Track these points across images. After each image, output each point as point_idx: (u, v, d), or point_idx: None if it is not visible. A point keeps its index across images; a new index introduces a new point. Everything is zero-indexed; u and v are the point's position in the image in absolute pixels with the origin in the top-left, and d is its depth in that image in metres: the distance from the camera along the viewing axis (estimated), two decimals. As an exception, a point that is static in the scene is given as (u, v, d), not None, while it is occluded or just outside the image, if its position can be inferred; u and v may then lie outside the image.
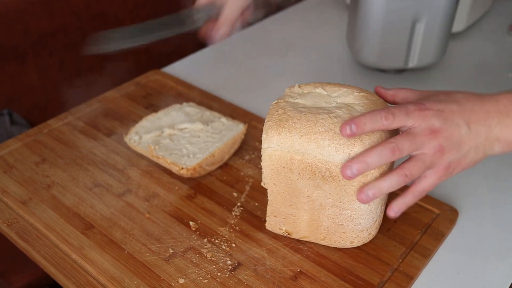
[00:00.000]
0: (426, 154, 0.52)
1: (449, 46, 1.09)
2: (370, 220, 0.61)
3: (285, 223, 0.64)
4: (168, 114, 0.83)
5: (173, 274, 0.61)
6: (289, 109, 0.59)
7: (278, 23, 1.26)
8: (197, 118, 0.82)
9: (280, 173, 0.59)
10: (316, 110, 0.58)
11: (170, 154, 0.74)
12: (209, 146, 0.76)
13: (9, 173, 0.76)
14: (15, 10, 1.24)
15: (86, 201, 0.71)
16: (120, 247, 0.64)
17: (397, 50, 0.96)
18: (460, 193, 0.75)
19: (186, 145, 0.76)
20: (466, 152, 0.53)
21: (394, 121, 0.52)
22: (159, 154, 0.74)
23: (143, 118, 0.81)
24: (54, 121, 0.87)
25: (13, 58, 1.26)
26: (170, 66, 1.07)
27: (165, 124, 0.81)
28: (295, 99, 0.61)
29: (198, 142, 0.77)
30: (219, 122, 0.81)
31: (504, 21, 1.23)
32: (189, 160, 0.73)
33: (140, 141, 0.77)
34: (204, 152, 0.74)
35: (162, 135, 0.78)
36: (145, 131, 0.79)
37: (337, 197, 0.58)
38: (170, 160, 0.72)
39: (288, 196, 0.61)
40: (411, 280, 0.61)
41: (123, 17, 1.52)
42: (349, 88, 0.61)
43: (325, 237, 0.63)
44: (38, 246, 0.64)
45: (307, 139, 0.56)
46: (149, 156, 0.75)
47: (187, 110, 0.84)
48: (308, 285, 0.60)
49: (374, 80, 1.02)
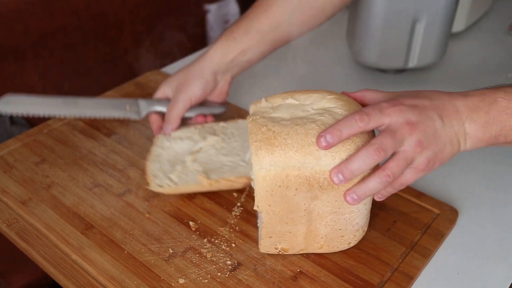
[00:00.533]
0: (406, 151, 0.52)
1: (449, 46, 1.09)
2: (365, 218, 0.61)
3: (281, 242, 0.61)
4: (164, 147, 0.76)
5: (173, 274, 0.61)
6: (271, 124, 0.56)
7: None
8: (199, 135, 0.77)
9: (275, 192, 0.56)
10: (300, 121, 0.55)
11: (223, 173, 0.69)
12: (242, 148, 0.73)
13: (9, 173, 0.76)
14: (15, 10, 1.24)
15: (86, 201, 0.71)
16: (120, 247, 0.64)
17: (397, 50, 0.96)
18: (460, 193, 0.75)
19: (223, 158, 0.72)
20: (442, 146, 0.54)
21: (370, 121, 0.52)
22: (215, 178, 0.69)
23: (147, 162, 0.73)
24: (54, 121, 0.87)
25: (13, 58, 1.26)
26: (170, 66, 1.07)
27: (173, 156, 0.74)
28: (270, 114, 0.58)
29: (230, 150, 0.73)
30: (221, 128, 0.78)
31: (504, 21, 1.23)
32: (247, 167, 0.69)
33: (174, 182, 0.70)
34: (247, 154, 0.71)
35: (187, 164, 0.72)
36: (163, 171, 0.71)
37: (336, 203, 0.57)
38: (234, 177, 0.68)
39: (284, 213, 0.58)
40: (411, 280, 0.61)
41: (123, 17, 1.52)
42: (318, 93, 0.60)
43: (322, 245, 0.62)
44: (38, 246, 0.64)
45: (303, 153, 0.53)
46: (204, 188, 0.68)
47: (176, 135, 0.77)
48: (308, 285, 0.60)
49: (374, 80, 1.02)
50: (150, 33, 1.64)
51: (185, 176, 0.70)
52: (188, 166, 0.72)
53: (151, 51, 1.54)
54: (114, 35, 1.53)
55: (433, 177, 0.78)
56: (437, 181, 0.76)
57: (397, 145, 0.52)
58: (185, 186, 0.68)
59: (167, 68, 1.05)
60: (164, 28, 1.66)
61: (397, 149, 0.52)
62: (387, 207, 0.70)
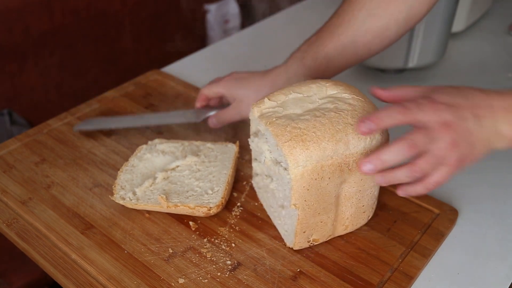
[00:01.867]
0: (438, 150, 0.53)
1: (449, 46, 1.09)
2: (378, 187, 0.65)
3: (313, 233, 0.62)
4: (143, 159, 0.74)
5: (173, 274, 0.61)
6: (293, 122, 0.57)
7: (278, 23, 1.26)
8: (181, 152, 0.75)
9: (312, 186, 0.58)
10: (317, 113, 0.58)
11: (186, 198, 0.67)
12: (218, 175, 0.70)
13: (9, 173, 0.76)
14: (15, 10, 1.24)
15: (86, 201, 0.71)
16: (120, 247, 0.64)
17: (397, 50, 0.96)
18: (460, 193, 0.75)
19: (194, 183, 0.69)
20: (474, 145, 0.54)
21: (408, 116, 0.53)
22: (175, 202, 0.66)
23: (119, 172, 0.72)
24: (54, 121, 0.87)
25: (13, 58, 1.26)
26: (170, 66, 1.07)
27: (148, 170, 0.73)
28: (282, 112, 0.60)
29: (204, 175, 0.71)
30: (207, 149, 0.76)
31: (504, 21, 1.23)
32: (211, 197, 0.67)
33: (136, 197, 0.68)
34: (219, 183, 0.69)
35: (157, 181, 0.70)
36: (132, 184, 0.70)
37: (361, 182, 0.60)
38: (194, 204, 0.66)
39: (318, 205, 0.60)
40: (411, 280, 0.61)
41: (123, 17, 1.52)
42: (314, 83, 0.63)
43: (347, 226, 0.64)
44: (38, 246, 0.64)
45: (334, 141, 0.56)
46: (162, 209, 0.66)
47: (160, 148, 0.76)
48: (308, 285, 0.60)
49: (374, 80, 1.02)
50: (150, 33, 1.64)
51: (150, 193, 0.68)
52: (157, 183, 0.70)
53: (151, 51, 1.54)
54: (114, 35, 1.53)
55: (433, 177, 0.78)
56: (437, 181, 0.76)
57: (430, 143, 0.53)
58: (145, 204, 0.67)
59: (167, 68, 1.05)
60: (164, 28, 1.66)
61: (429, 147, 0.53)
62: (387, 207, 0.70)
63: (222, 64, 1.08)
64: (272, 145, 0.60)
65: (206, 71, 1.05)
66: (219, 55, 1.12)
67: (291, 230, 0.62)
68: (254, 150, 0.68)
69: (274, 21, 1.27)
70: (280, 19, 1.27)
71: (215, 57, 1.11)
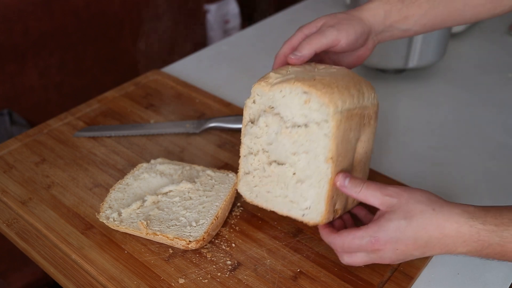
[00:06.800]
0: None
1: (449, 46, 1.09)
2: None
3: (337, 200, 0.60)
4: (139, 178, 0.71)
5: (173, 274, 0.61)
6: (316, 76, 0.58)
7: (278, 23, 1.26)
8: (178, 176, 0.71)
9: (343, 139, 0.57)
10: (322, 72, 0.60)
11: (168, 227, 0.63)
12: (208, 207, 0.66)
13: (9, 173, 0.76)
14: (15, 10, 1.24)
15: (86, 201, 0.71)
16: (120, 247, 0.64)
17: (397, 50, 0.96)
18: (460, 193, 0.75)
19: (181, 211, 0.65)
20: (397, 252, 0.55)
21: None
22: (155, 230, 0.62)
23: (111, 189, 0.69)
24: (54, 121, 0.87)
25: (13, 58, 1.26)
26: (170, 66, 1.07)
27: (141, 190, 0.69)
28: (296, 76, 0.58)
29: (194, 205, 0.66)
30: (205, 176, 0.71)
31: (504, 21, 1.23)
32: (194, 230, 0.63)
33: (120, 218, 0.65)
34: (206, 216, 0.64)
35: (145, 204, 0.66)
36: (120, 204, 0.67)
37: (368, 143, 0.63)
38: (173, 235, 0.62)
39: (343, 160, 0.58)
40: (411, 280, 0.61)
41: (123, 17, 1.52)
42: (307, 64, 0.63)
43: None
44: (38, 246, 0.64)
45: (356, 90, 0.58)
46: (142, 234, 0.63)
47: (160, 168, 0.72)
48: (308, 285, 0.60)
49: (374, 80, 1.02)
50: (150, 33, 1.64)
51: (135, 216, 0.65)
52: (145, 206, 0.66)
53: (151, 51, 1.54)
54: (114, 35, 1.53)
55: (433, 177, 0.78)
56: (437, 181, 0.76)
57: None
58: (127, 227, 0.64)
59: (167, 68, 1.05)
60: (164, 28, 1.66)
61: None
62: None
63: (222, 64, 1.08)
64: (296, 106, 0.57)
65: (206, 71, 1.05)
66: (219, 55, 1.12)
67: (318, 200, 0.58)
68: (249, 142, 0.62)
69: (274, 21, 1.27)
70: (280, 19, 1.27)
71: (215, 57, 1.11)
